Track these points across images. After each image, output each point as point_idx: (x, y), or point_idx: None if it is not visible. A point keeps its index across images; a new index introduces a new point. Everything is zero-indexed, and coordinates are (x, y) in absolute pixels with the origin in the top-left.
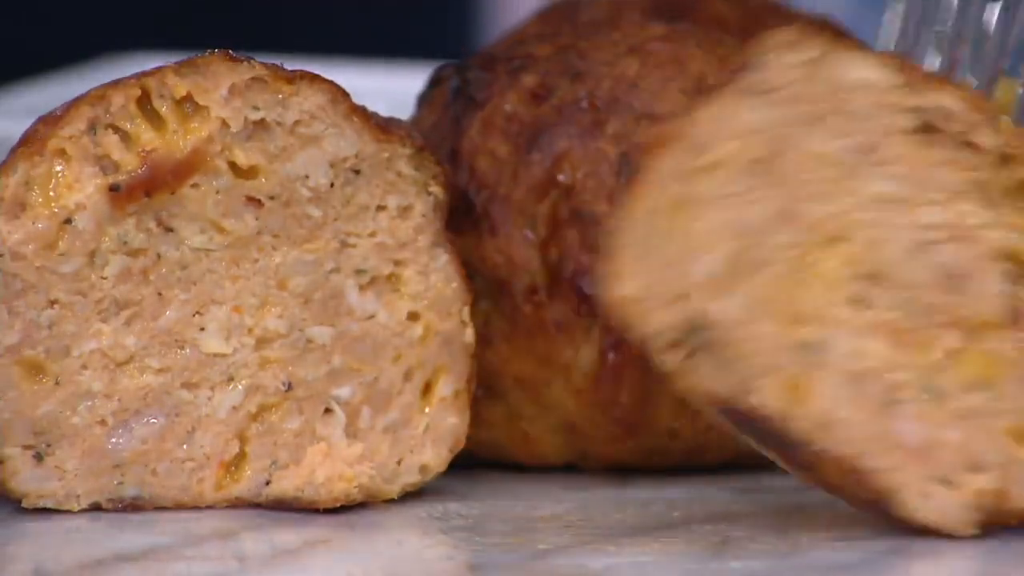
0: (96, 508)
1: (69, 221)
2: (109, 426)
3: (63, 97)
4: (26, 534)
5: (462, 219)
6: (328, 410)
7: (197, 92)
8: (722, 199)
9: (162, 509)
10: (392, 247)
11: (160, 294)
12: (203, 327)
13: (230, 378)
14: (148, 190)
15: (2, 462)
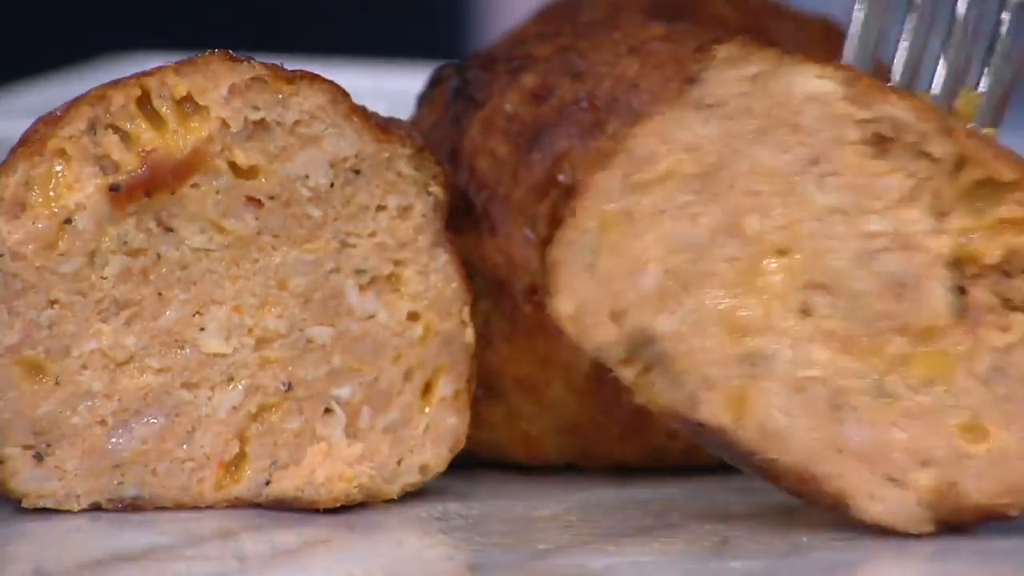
0: (96, 508)
1: (69, 221)
2: (109, 426)
3: (63, 97)
4: (26, 534)
5: (462, 219)
6: (328, 410)
7: (197, 92)
8: (663, 214)
9: (162, 509)
10: (392, 247)
11: (160, 294)
12: (203, 327)
13: (230, 378)
14: (148, 190)
15: (2, 462)
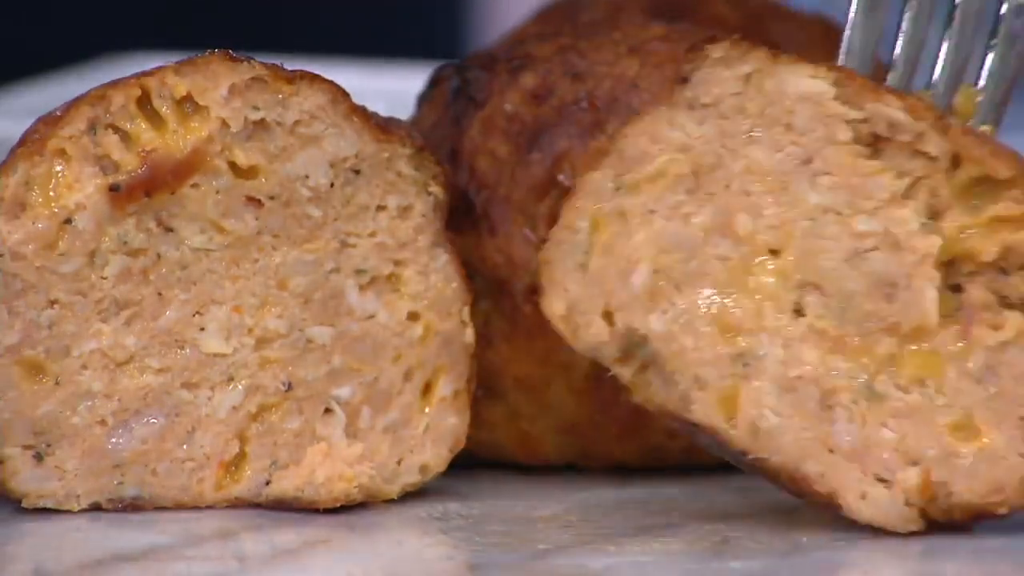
0: (96, 508)
1: (69, 221)
2: (109, 426)
3: (63, 97)
4: (26, 534)
5: (462, 219)
6: (328, 410)
7: (197, 92)
8: (654, 213)
9: (162, 509)
10: (392, 247)
11: (160, 294)
12: (203, 327)
13: (230, 378)
14: (148, 190)
15: (2, 462)
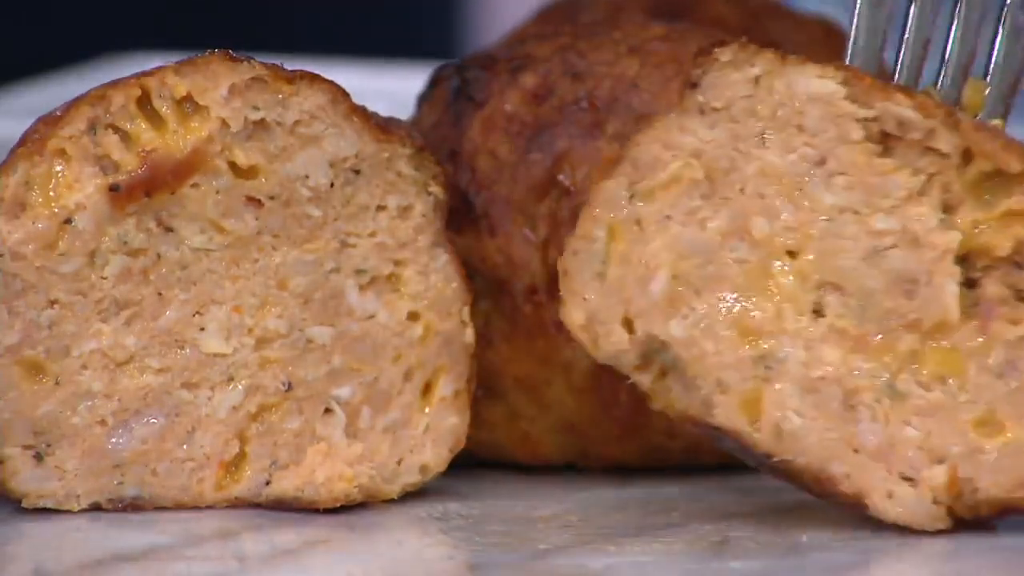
0: (96, 508)
1: (69, 221)
2: (109, 426)
3: (63, 97)
4: (26, 534)
5: (462, 219)
6: (328, 410)
7: (197, 92)
8: (670, 220)
9: (162, 509)
10: (392, 247)
11: (160, 294)
12: (203, 327)
13: (230, 378)
14: (148, 190)
15: (2, 462)
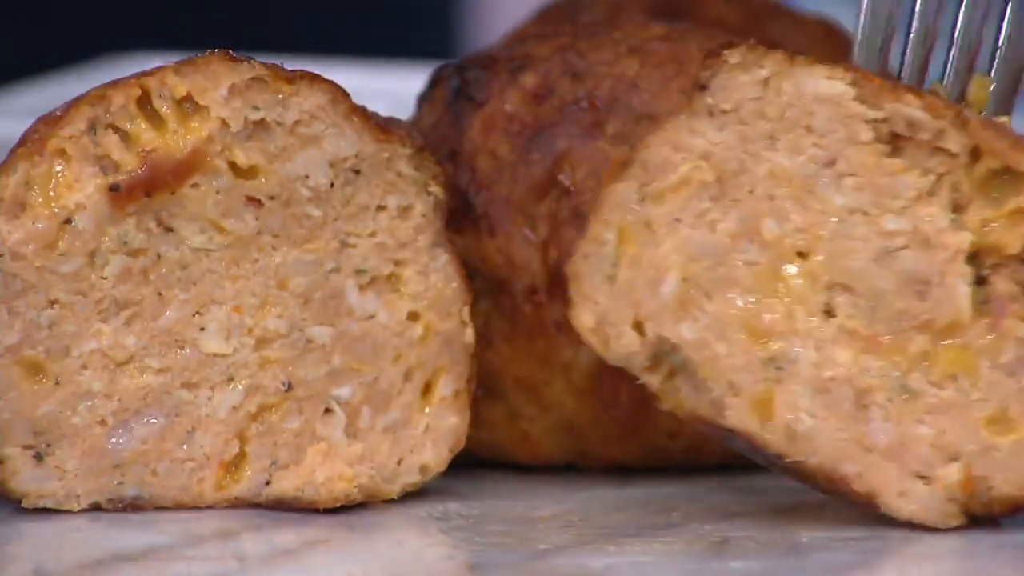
0: (96, 508)
1: (69, 221)
2: (109, 426)
3: (63, 97)
4: (26, 534)
5: (462, 219)
6: (328, 410)
7: (197, 92)
8: (679, 222)
9: (162, 509)
10: (392, 247)
11: (160, 294)
12: (203, 327)
13: (230, 378)
14: (148, 190)
15: (2, 462)
